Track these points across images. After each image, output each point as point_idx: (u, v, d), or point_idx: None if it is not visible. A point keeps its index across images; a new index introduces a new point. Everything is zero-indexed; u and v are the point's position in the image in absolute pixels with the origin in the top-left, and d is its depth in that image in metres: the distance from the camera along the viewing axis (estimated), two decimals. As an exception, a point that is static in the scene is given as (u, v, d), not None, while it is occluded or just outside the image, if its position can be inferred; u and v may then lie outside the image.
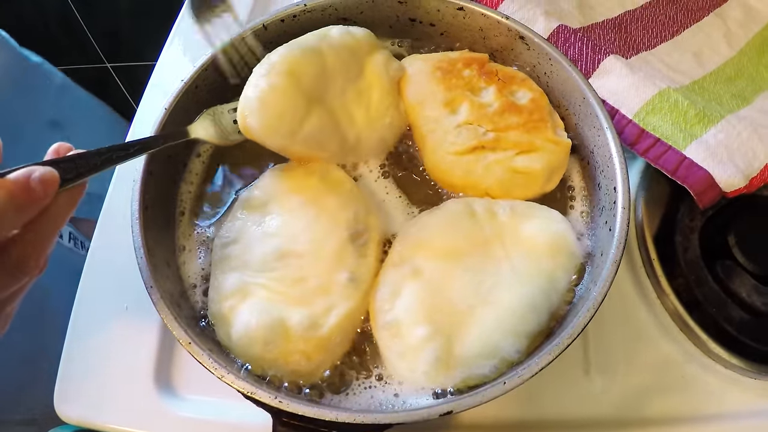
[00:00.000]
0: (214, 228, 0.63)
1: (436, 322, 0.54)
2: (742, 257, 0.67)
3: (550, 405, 0.63)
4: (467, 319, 0.54)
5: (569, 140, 0.64)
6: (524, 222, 0.59)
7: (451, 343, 0.53)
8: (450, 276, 0.56)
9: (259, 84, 0.55)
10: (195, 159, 0.67)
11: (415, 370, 0.53)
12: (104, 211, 0.76)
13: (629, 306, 0.68)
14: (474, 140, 0.62)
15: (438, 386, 0.53)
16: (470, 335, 0.53)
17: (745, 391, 0.64)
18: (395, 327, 0.55)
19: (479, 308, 0.54)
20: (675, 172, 0.68)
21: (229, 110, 0.63)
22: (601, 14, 0.84)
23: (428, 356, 0.52)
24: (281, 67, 0.56)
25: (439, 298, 0.55)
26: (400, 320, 0.55)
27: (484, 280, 0.56)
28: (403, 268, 0.57)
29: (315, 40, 0.61)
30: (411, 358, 0.53)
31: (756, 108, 0.75)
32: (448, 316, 0.54)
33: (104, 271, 0.72)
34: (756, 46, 0.85)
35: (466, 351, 0.53)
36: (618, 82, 0.73)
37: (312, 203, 0.59)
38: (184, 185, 0.66)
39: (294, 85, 0.56)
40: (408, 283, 0.56)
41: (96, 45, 1.62)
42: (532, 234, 0.58)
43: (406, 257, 0.58)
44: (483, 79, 0.66)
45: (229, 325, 0.55)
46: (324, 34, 0.62)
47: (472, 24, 0.70)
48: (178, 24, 0.91)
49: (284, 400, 0.48)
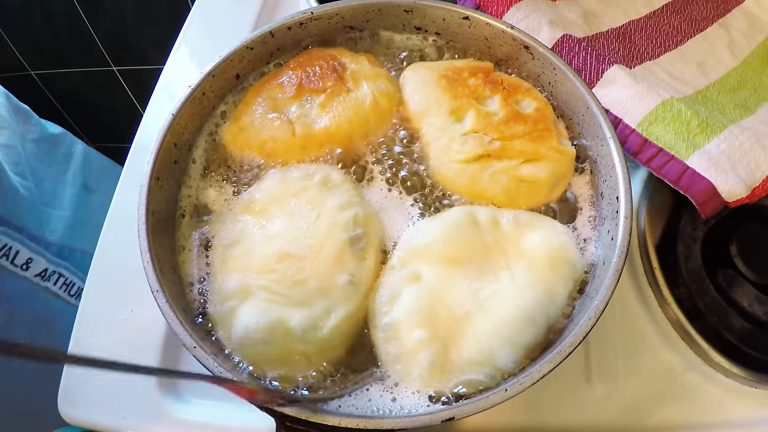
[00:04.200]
0: (212, 230, 0.63)
1: (433, 327, 0.54)
2: (744, 267, 0.67)
3: (551, 412, 0.64)
4: (464, 325, 0.54)
5: (573, 150, 0.65)
6: (527, 233, 0.59)
7: (446, 348, 0.54)
8: (449, 282, 0.56)
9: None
10: (192, 165, 0.67)
11: (410, 373, 0.54)
12: (110, 214, 0.76)
13: (631, 314, 0.68)
14: (480, 149, 0.62)
15: (432, 390, 0.53)
16: (466, 341, 0.54)
17: (746, 400, 0.65)
18: (393, 329, 0.55)
19: (476, 315, 0.55)
20: (677, 182, 0.68)
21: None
22: (606, 24, 0.85)
23: (424, 360, 0.53)
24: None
25: (437, 303, 0.55)
26: (398, 323, 0.55)
27: (482, 287, 0.56)
28: (402, 272, 0.58)
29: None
30: (407, 361, 0.54)
31: (759, 118, 0.76)
32: (445, 321, 0.55)
33: (109, 274, 0.73)
34: (760, 57, 0.85)
35: (461, 357, 0.53)
36: (621, 91, 0.73)
37: (312, 205, 0.60)
38: (184, 189, 0.66)
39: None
40: (407, 286, 0.56)
41: (102, 48, 1.63)
42: (534, 245, 0.58)
43: (406, 261, 0.58)
44: (488, 87, 0.67)
45: (230, 325, 0.55)
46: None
47: (477, 33, 0.70)
48: (185, 30, 0.92)
49: (287, 404, 0.48)
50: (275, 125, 0.65)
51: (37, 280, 0.90)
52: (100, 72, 1.71)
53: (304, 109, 0.66)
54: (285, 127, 0.64)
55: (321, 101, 0.66)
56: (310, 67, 0.68)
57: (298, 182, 0.62)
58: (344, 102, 0.65)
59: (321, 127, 0.65)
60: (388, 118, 0.67)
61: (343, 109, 0.65)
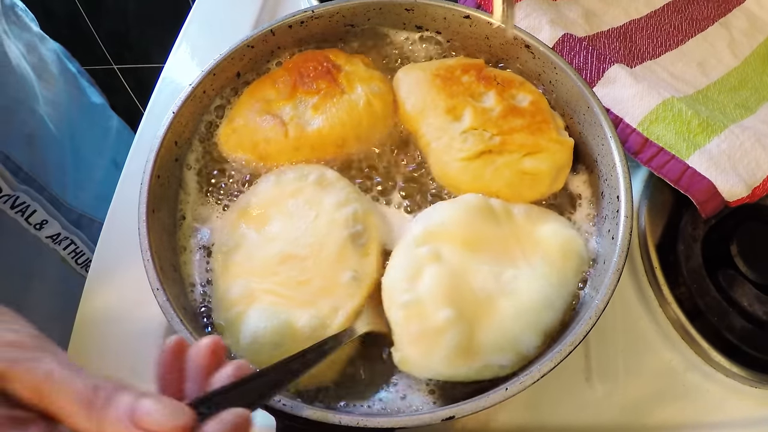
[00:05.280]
0: (212, 236, 0.63)
1: (460, 307, 0.52)
2: (744, 266, 0.67)
3: (551, 411, 0.64)
4: (487, 308, 0.54)
5: (572, 139, 0.65)
6: (538, 225, 0.59)
7: (472, 329, 0.52)
8: (469, 264, 0.55)
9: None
10: (187, 171, 0.66)
11: (432, 353, 0.51)
12: (110, 212, 0.76)
13: (631, 314, 0.69)
14: (481, 145, 0.62)
15: (452, 374, 0.52)
16: (490, 324, 0.53)
17: (746, 399, 0.65)
18: (415, 307, 0.53)
19: (499, 299, 0.54)
20: (678, 182, 0.68)
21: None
22: (607, 23, 0.85)
23: (450, 341, 0.51)
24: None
25: (461, 283, 0.54)
26: (422, 300, 0.53)
27: (502, 271, 0.56)
28: (421, 250, 0.56)
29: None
30: (431, 341, 0.52)
31: (760, 118, 0.76)
32: (470, 303, 0.53)
33: (110, 272, 0.72)
34: (761, 56, 0.85)
35: (487, 339, 0.52)
36: (622, 91, 0.73)
37: (310, 205, 0.60)
38: (182, 193, 0.66)
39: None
40: (428, 264, 0.55)
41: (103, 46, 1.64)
42: (547, 236, 0.59)
43: (425, 240, 0.56)
44: (482, 84, 0.67)
45: (238, 331, 0.55)
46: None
47: (478, 32, 0.70)
48: (185, 28, 0.92)
49: (288, 403, 0.48)
50: (268, 126, 0.65)
51: (47, 241, 0.91)
52: (101, 70, 1.71)
53: (298, 111, 0.66)
54: (278, 129, 0.64)
55: (314, 103, 0.66)
56: (305, 69, 0.68)
57: (294, 183, 0.62)
58: (337, 104, 0.65)
59: (314, 129, 0.65)
60: (383, 121, 0.67)
61: (336, 110, 0.65)
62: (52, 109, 0.93)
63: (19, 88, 0.85)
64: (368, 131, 0.66)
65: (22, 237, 0.87)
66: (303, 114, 0.66)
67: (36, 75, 0.92)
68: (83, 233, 0.97)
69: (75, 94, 1.03)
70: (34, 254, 0.90)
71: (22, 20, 0.95)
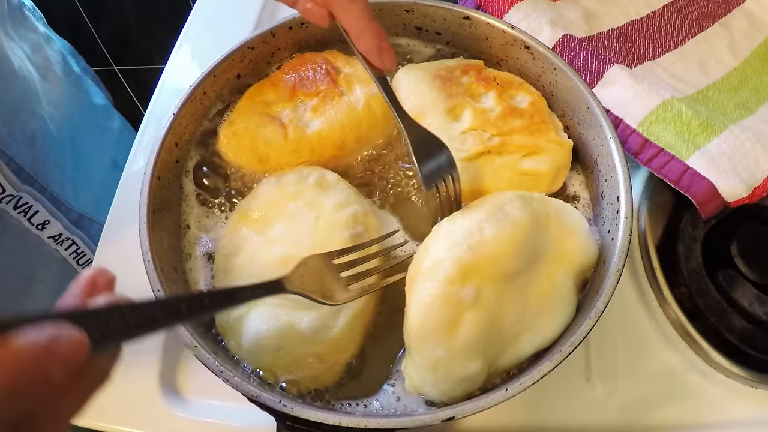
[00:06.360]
0: (213, 241, 0.63)
1: (488, 352, 0.53)
2: (745, 267, 0.67)
3: (551, 412, 0.64)
4: (511, 345, 0.54)
5: (571, 140, 0.65)
6: (566, 235, 0.58)
7: (489, 368, 0.53)
8: (506, 300, 0.53)
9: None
10: (185, 179, 0.67)
11: (452, 392, 0.52)
12: (111, 214, 0.76)
13: (631, 314, 0.68)
14: (481, 146, 0.63)
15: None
16: (508, 355, 0.54)
17: (746, 400, 0.65)
18: (448, 360, 0.51)
19: (523, 335, 0.55)
20: (678, 182, 0.68)
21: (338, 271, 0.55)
22: (607, 24, 0.85)
23: (474, 385, 0.53)
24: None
25: (494, 326, 0.53)
26: (456, 355, 0.51)
27: (528, 302, 0.55)
28: (463, 292, 0.51)
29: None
30: (455, 385, 0.52)
31: (760, 118, 0.76)
32: (497, 343, 0.53)
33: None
34: (760, 56, 0.85)
35: (501, 365, 0.54)
36: (622, 91, 0.73)
37: (310, 207, 0.60)
38: (183, 196, 0.66)
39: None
40: (468, 310, 0.51)
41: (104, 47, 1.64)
42: (572, 250, 0.58)
43: (465, 276, 0.51)
44: (482, 84, 0.67)
45: (239, 334, 0.55)
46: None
47: (477, 33, 0.70)
48: (186, 30, 0.92)
49: (288, 403, 0.48)
50: (268, 129, 0.65)
51: (49, 241, 0.91)
52: (102, 72, 1.71)
53: (297, 113, 0.66)
54: (277, 131, 0.64)
55: (314, 105, 0.66)
56: (304, 71, 0.68)
57: (294, 185, 0.62)
58: (337, 106, 0.65)
59: (313, 131, 0.65)
60: (382, 122, 0.67)
61: (335, 112, 0.65)
62: (54, 109, 0.93)
63: (22, 90, 0.86)
64: (368, 133, 0.66)
65: (24, 237, 0.87)
66: (302, 116, 0.66)
67: (40, 76, 0.92)
68: (84, 233, 0.97)
69: (78, 96, 1.04)
70: (36, 254, 0.90)
71: (28, 21, 0.95)
